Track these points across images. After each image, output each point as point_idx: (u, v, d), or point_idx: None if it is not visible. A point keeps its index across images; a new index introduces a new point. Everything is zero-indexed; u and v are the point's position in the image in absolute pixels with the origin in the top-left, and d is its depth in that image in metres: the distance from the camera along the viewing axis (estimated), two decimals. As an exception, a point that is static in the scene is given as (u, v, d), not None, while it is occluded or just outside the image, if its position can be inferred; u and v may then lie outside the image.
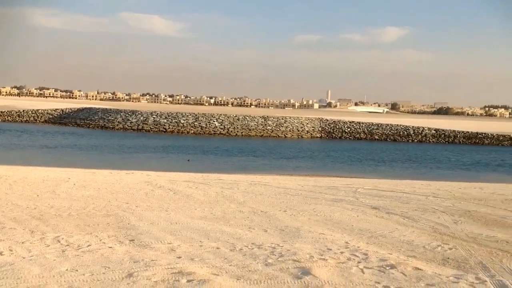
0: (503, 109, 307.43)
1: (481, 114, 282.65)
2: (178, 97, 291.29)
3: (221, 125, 65.41)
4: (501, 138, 66.84)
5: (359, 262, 7.80)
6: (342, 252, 8.34)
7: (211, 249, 8.39)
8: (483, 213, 12.49)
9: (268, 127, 66.52)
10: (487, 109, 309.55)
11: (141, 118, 67.27)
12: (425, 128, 69.57)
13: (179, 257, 7.84)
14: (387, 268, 7.55)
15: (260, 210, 11.93)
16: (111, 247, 8.29)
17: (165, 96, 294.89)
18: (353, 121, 73.06)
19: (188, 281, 6.68)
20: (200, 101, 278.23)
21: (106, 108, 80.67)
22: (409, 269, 7.51)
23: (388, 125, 70.91)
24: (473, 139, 66.42)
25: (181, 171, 24.97)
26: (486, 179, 29.68)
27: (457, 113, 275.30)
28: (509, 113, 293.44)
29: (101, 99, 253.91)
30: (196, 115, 67.75)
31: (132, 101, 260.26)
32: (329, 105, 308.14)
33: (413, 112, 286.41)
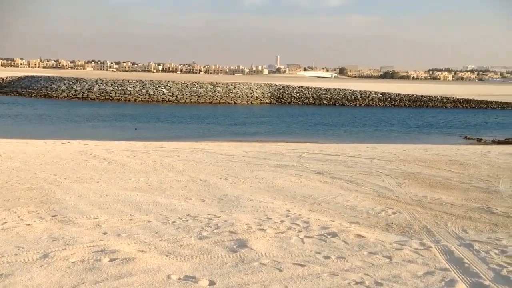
0: (446, 72, 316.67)
1: (425, 78, 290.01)
2: (125, 64, 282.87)
3: (170, 92, 63.83)
4: (445, 100, 68.58)
5: (299, 231, 7.34)
6: (282, 221, 7.86)
7: (142, 223, 7.72)
8: (428, 175, 12.33)
9: (218, 93, 65.46)
10: (431, 72, 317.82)
11: (86, 86, 64.60)
12: (372, 92, 70.38)
13: (105, 233, 7.13)
14: (329, 236, 7.12)
15: (199, 179, 11.30)
16: (29, 224, 7.47)
17: (111, 63, 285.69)
18: (302, 86, 72.92)
19: (111, 260, 6.01)
20: (148, 68, 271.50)
21: (49, 76, 77.02)
22: (351, 236, 7.11)
23: (336, 89, 71.27)
24: (418, 102, 67.81)
25: (125, 139, 23.94)
26: (431, 141, 30.16)
27: (402, 77, 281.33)
28: (452, 76, 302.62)
29: (44, 67, 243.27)
30: (143, 82, 65.75)
31: (77, 68, 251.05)
32: (278, 70, 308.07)
33: (360, 77, 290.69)
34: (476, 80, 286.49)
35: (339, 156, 15.77)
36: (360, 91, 70.81)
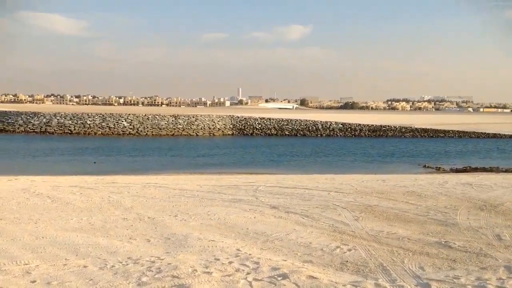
0: (404, 103, 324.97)
1: (384, 108, 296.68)
2: (85, 97, 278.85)
3: (130, 125, 62.80)
4: (403, 130, 69.77)
5: (248, 273, 6.83)
6: (230, 262, 7.33)
7: (77, 268, 7.06)
8: (385, 207, 12.04)
9: (179, 125, 64.84)
10: (389, 103, 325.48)
11: (44, 120, 62.80)
12: (333, 123, 71.07)
13: (33, 282, 6.47)
14: (279, 278, 6.63)
15: (147, 216, 10.66)
16: None
17: (71, 96, 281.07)
18: (263, 118, 73.09)
19: (34, 315, 5.35)
20: (109, 101, 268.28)
21: (5, 111, 74.66)
22: (303, 278, 6.64)
23: (297, 120, 71.64)
24: (378, 132, 68.74)
25: (82, 174, 23.03)
26: (391, 170, 30.24)
27: (362, 108, 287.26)
28: (410, 106, 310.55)
29: (1, 102, 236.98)
30: (103, 115, 64.51)
31: (36, 102, 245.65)
32: (240, 102, 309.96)
33: (321, 107, 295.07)
34: (433, 109, 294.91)
35: (296, 188, 15.38)
36: (321, 121, 71.41)
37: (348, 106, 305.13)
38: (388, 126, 71.18)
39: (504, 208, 11.85)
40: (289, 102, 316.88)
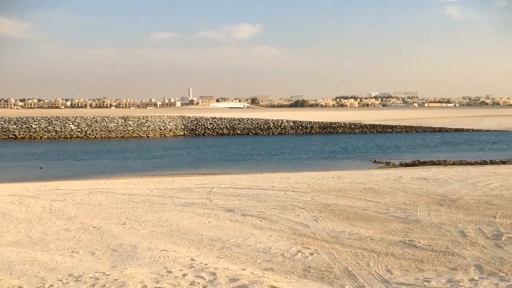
0: (352, 99, 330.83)
1: (333, 105, 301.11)
2: (30, 101, 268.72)
3: (78, 128, 60.81)
4: (353, 126, 70.68)
5: (204, 287, 6.20)
6: (184, 275, 6.68)
7: (10, 290, 6.23)
8: (344, 206, 11.65)
9: (129, 127, 63.35)
10: (338, 100, 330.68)
11: (-15, 125, 59.90)
12: (284, 121, 71.13)
13: (-43, 310, 5.60)
14: (239, 291, 6.05)
15: (92, 226, 9.83)
16: None
17: (16, 100, 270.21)
18: (215, 117, 72.43)
19: None
20: (55, 104, 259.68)
21: None
22: (264, 289, 6.08)
23: (249, 119, 71.34)
24: (328, 129, 69.35)
25: (25, 181, 21.69)
26: (343, 166, 30.22)
27: (312, 105, 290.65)
28: (358, 103, 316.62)
29: None
30: (49, 118, 62.17)
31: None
32: (191, 102, 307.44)
33: (272, 106, 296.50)
34: (380, 106, 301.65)
35: (251, 189, 14.82)
36: (272, 120, 71.36)
37: (299, 104, 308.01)
38: (338, 123, 71.95)
39: (463, 202, 11.70)
40: (240, 101, 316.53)
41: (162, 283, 6.36)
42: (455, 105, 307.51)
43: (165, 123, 66.92)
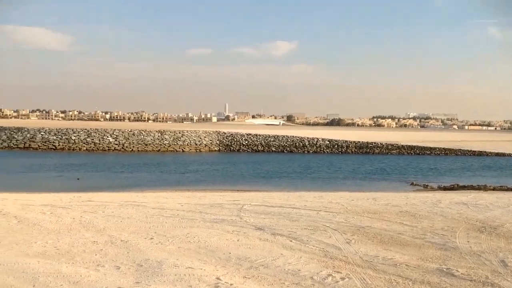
0: (390, 120, 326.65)
1: (370, 125, 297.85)
2: (71, 113, 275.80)
3: (116, 140, 61.82)
4: (390, 147, 69.40)
5: (228, 309, 5.95)
6: (209, 295, 6.45)
7: (31, 302, 6.12)
8: (378, 229, 11.23)
9: (165, 141, 64.02)
10: (375, 120, 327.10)
11: (28, 135, 61.51)
12: (319, 139, 70.56)
13: (-23, 321, 5.51)
14: (264, 315, 5.76)
15: (120, 239, 9.73)
16: None
17: (57, 112, 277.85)
18: (250, 134, 72.51)
19: None
20: (95, 117, 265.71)
21: (-12, 126, 73.14)
22: (291, 315, 5.78)
23: (284, 136, 71.11)
24: (364, 149, 68.33)
25: (62, 191, 22.00)
26: (379, 187, 29.56)
27: (348, 124, 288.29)
28: (396, 123, 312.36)
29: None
30: (88, 131, 63.47)
31: (21, 118, 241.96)
32: (227, 118, 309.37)
33: (308, 124, 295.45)
34: (418, 127, 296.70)
35: (283, 207, 14.53)
36: (307, 138, 70.90)
37: (335, 122, 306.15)
38: (375, 142, 70.84)
39: (505, 230, 11.10)
40: (275, 118, 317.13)
41: (185, 302, 6.14)
42: (495, 128, 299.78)
43: (200, 138, 67.34)
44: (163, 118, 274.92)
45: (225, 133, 71.55)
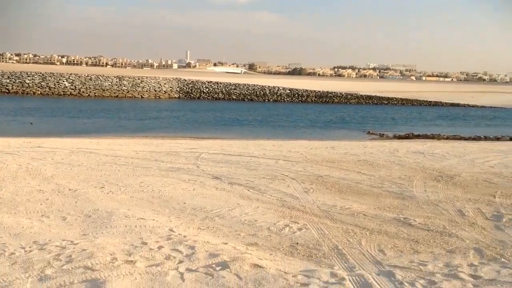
0: (350, 70, 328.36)
1: (331, 75, 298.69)
2: (26, 56, 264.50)
3: (72, 85, 59.81)
4: (349, 96, 69.92)
5: (180, 262, 5.65)
6: (160, 247, 6.12)
7: (-34, 256, 5.66)
8: (336, 178, 11.10)
9: (124, 87, 62.40)
10: (336, 70, 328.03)
11: (-21, 78, 58.73)
12: (280, 88, 70.23)
13: None
14: (218, 268, 5.50)
15: (68, 188, 9.24)
16: None
17: (11, 54, 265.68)
18: (211, 81, 71.40)
19: None
20: (50, 60, 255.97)
21: None
22: (246, 267, 5.54)
23: (245, 85, 70.37)
24: (324, 98, 68.58)
25: (9, 136, 21.00)
26: (337, 137, 29.67)
27: (309, 74, 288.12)
28: (356, 74, 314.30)
29: None
30: (43, 74, 61.05)
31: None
32: (188, 65, 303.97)
33: (270, 73, 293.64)
34: (378, 77, 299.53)
35: (242, 156, 14.24)
36: (268, 86, 70.41)
37: (296, 72, 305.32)
38: (335, 92, 71.07)
39: (461, 179, 11.17)
40: (237, 66, 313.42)
41: (134, 256, 5.80)
42: (452, 80, 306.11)
43: (160, 85, 65.93)
44: (122, 64, 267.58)
45: (185, 80, 70.21)
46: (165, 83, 66.89)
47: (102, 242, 6.21)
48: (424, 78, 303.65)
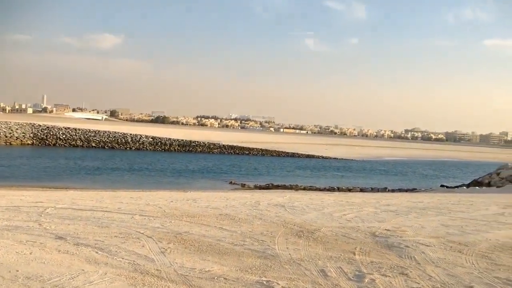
0: (213, 120, 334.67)
1: (194, 124, 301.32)
2: None
3: None
4: (212, 146, 70.56)
5: None
6: (-26, 335, 4.91)
7: None
8: (197, 235, 10.41)
9: (-33, 132, 56.64)
10: (199, 119, 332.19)
11: None
12: (143, 136, 68.82)
13: None
14: None
15: None
16: None
17: None
18: (68, 127, 67.78)
19: None
20: None
21: None
22: None
23: (106, 132, 67.81)
24: (187, 147, 68.37)
25: None
26: (199, 187, 29.25)
27: (172, 122, 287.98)
28: (218, 123, 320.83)
29: None
30: None
31: None
32: (44, 110, 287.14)
33: (132, 120, 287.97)
34: (239, 128, 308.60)
35: (94, 211, 12.96)
36: (130, 134, 68.58)
37: (160, 120, 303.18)
38: (198, 141, 71.33)
39: (322, 234, 11.11)
40: (98, 112, 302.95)
41: None
42: (307, 132, 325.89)
43: (12, 130, 61.20)
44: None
45: (40, 125, 65.94)
46: (17, 128, 62.29)
47: None
48: (282, 130, 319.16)
